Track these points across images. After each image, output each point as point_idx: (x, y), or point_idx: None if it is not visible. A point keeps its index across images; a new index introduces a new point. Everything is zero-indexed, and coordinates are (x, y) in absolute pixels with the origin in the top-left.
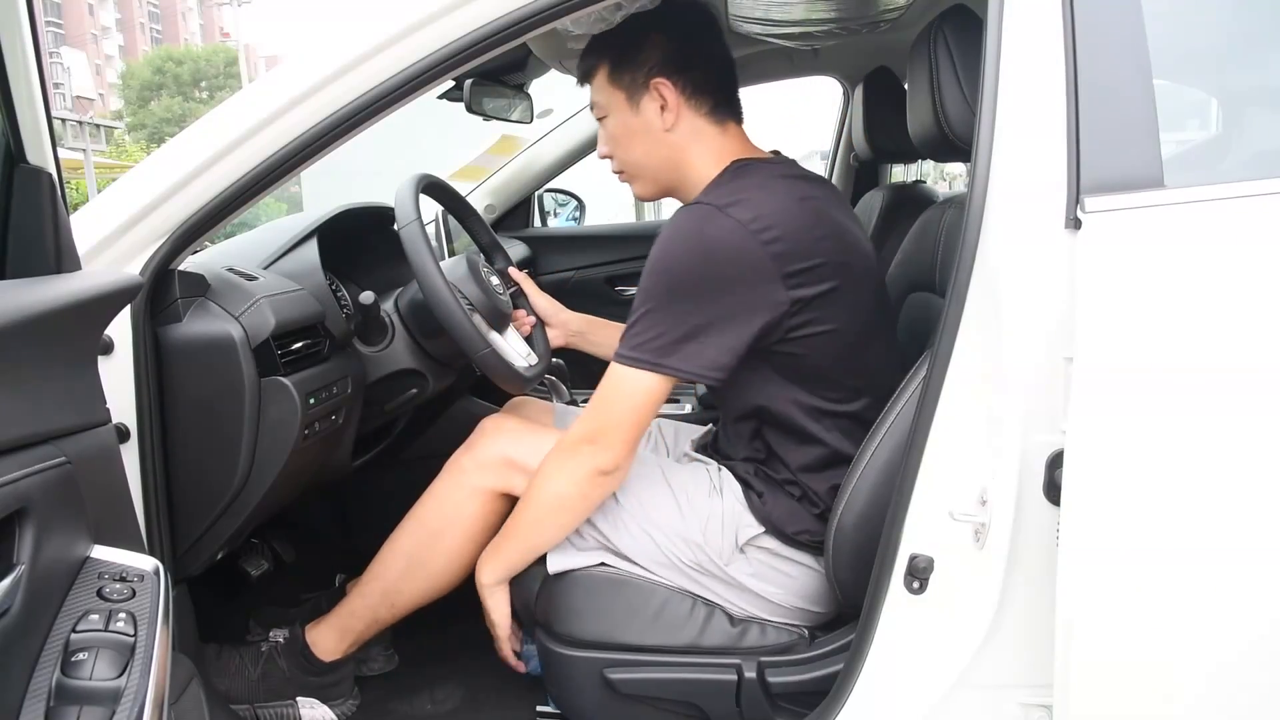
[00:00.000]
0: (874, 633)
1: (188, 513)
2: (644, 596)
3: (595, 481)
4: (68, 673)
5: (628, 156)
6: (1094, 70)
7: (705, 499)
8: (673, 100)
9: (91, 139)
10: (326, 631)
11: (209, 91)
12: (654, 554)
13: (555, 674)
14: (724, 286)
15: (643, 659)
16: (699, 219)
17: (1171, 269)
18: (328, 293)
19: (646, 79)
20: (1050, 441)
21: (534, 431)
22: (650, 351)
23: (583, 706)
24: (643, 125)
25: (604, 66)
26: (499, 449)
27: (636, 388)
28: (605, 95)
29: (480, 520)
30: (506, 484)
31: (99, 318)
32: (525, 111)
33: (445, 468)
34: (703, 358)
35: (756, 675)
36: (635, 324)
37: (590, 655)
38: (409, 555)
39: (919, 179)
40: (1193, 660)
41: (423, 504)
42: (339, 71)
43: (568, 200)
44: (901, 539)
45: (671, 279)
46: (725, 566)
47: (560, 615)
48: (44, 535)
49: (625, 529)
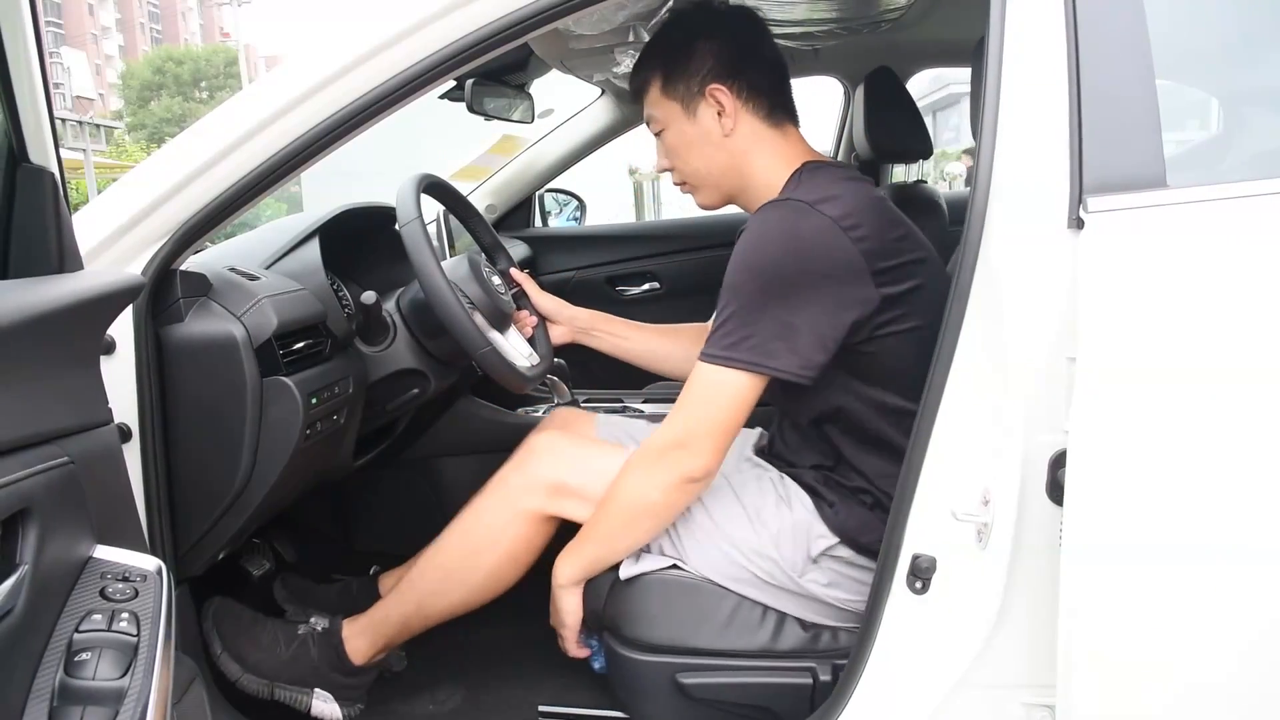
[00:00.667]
0: (876, 633)
1: (189, 512)
2: (716, 601)
3: (683, 489)
4: (71, 673)
5: (688, 167)
6: (1096, 70)
7: (774, 511)
8: (729, 105)
9: (91, 139)
10: (361, 633)
11: (209, 91)
12: (725, 568)
13: (625, 678)
14: (817, 283)
15: (716, 663)
16: (792, 215)
17: (1174, 269)
18: (329, 292)
19: (701, 86)
20: (1053, 441)
21: (586, 450)
22: (745, 351)
23: (653, 711)
24: (701, 134)
25: (657, 79)
26: (551, 472)
27: (730, 390)
28: (661, 108)
29: (524, 542)
30: (556, 509)
31: (101, 318)
32: (526, 111)
33: (491, 484)
34: (798, 356)
35: (832, 678)
36: (725, 322)
37: (662, 660)
38: (448, 570)
39: (920, 179)
40: (1196, 660)
41: (466, 519)
42: (340, 72)
43: (568, 200)
44: (904, 539)
45: (764, 276)
46: (799, 579)
47: (631, 619)
48: (47, 535)
49: (696, 543)
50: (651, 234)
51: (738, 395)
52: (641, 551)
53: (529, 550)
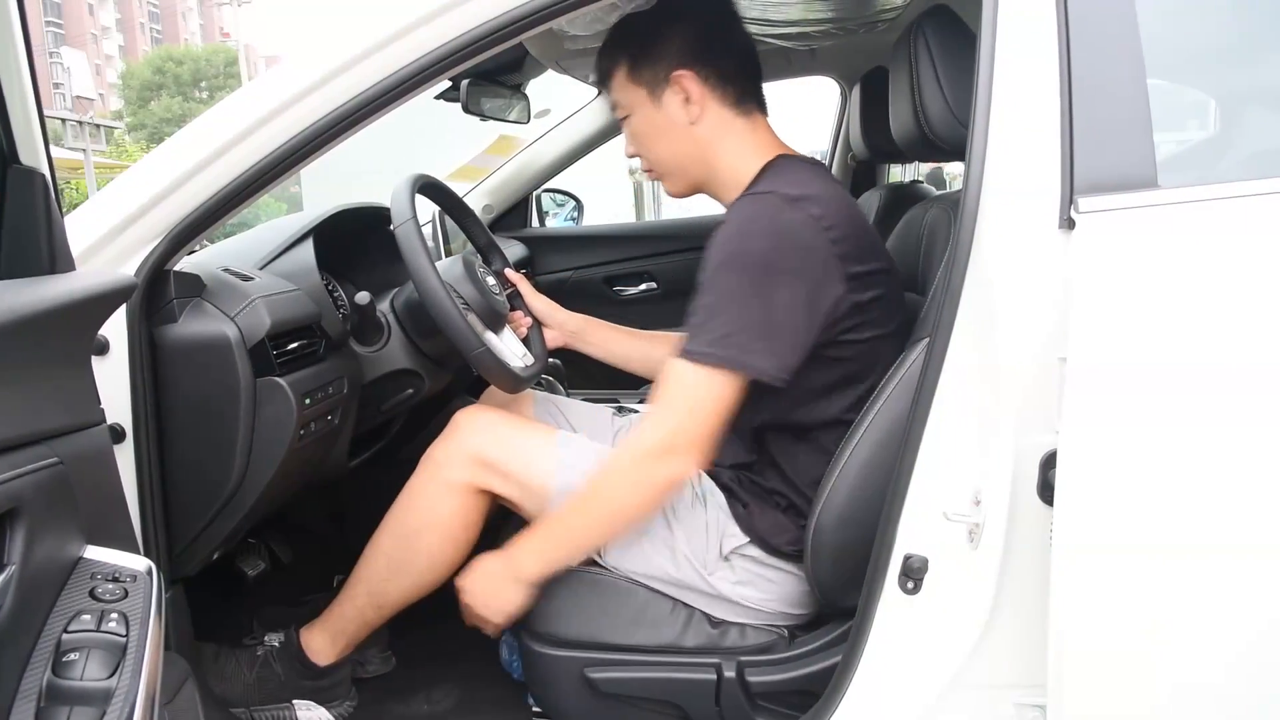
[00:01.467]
0: (868, 633)
1: (183, 513)
2: (625, 596)
3: (667, 491)
4: (59, 673)
5: (653, 154)
6: (1088, 70)
7: (689, 508)
8: (696, 92)
9: (91, 139)
10: (319, 635)
11: (209, 91)
12: (636, 563)
13: (537, 673)
14: (797, 280)
15: (623, 658)
16: (773, 208)
17: (1165, 269)
18: (324, 293)
19: (667, 73)
20: (1044, 442)
21: (511, 427)
22: (731, 349)
23: (564, 706)
24: (666, 121)
25: (623, 64)
26: (473, 445)
27: (715, 392)
28: (626, 94)
29: (459, 518)
30: (482, 481)
31: (93, 318)
32: (522, 111)
33: (421, 462)
34: (778, 357)
35: (736, 675)
36: (709, 318)
37: (571, 655)
38: (390, 556)
39: (916, 179)
40: (1186, 660)
41: (400, 502)
42: (336, 70)
43: (566, 200)
44: (896, 539)
45: (747, 269)
46: (708, 576)
47: (542, 615)
48: (36, 536)
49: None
50: (649, 234)
51: (726, 396)
52: None
53: (465, 528)
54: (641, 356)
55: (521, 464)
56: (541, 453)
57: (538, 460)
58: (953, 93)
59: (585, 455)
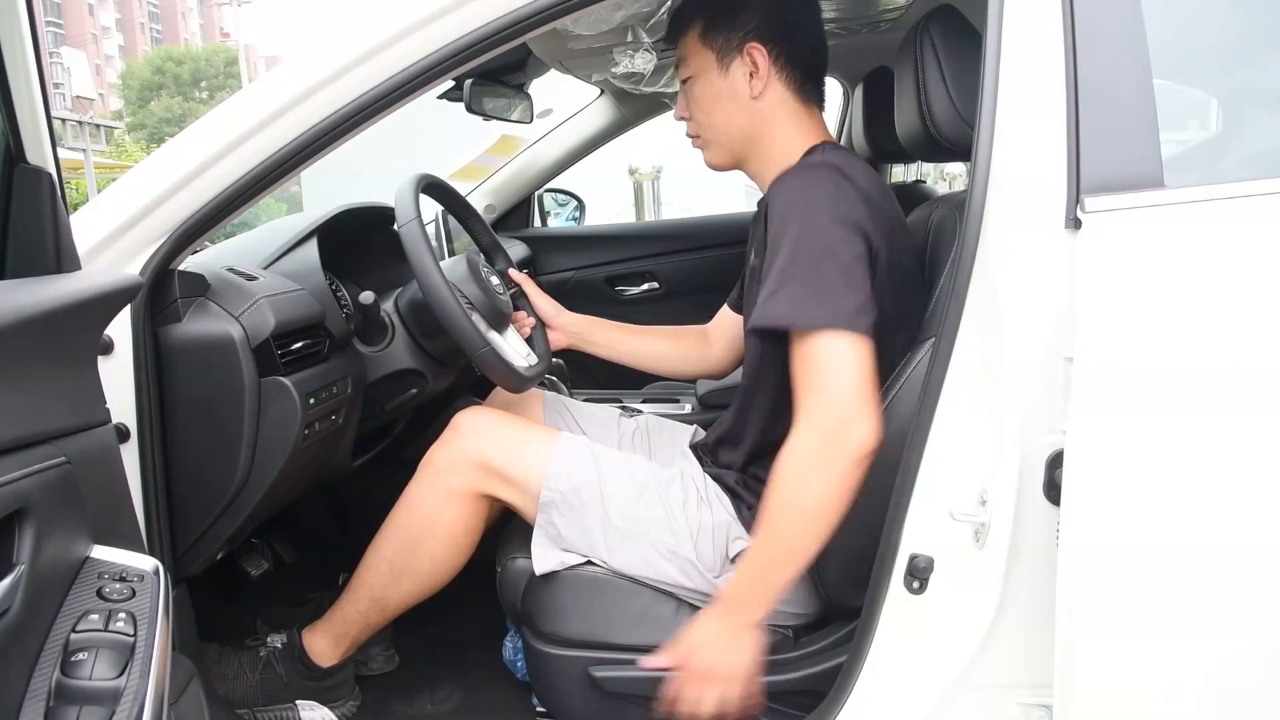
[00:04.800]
0: (874, 633)
1: (188, 513)
2: (630, 596)
3: (861, 466)
4: (67, 673)
5: (708, 120)
6: (1094, 69)
7: (695, 510)
8: (764, 67)
9: (91, 139)
10: (322, 637)
11: (209, 91)
12: (641, 566)
13: (541, 672)
14: (859, 244)
15: (628, 657)
16: (836, 176)
17: (1171, 269)
18: (327, 293)
19: (741, 42)
20: (1050, 441)
21: (515, 431)
22: (854, 316)
23: (568, 705)
24: (729, 89)
25: (698, 24)
26: (473, 449)
27: (852, 353)
28: (695, 55)
29: (460, 523)
30: (483, 487)
31: (98, 318)
32: (525, 111)
33: (420, 465)
34: (867, 316)
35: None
36: (798, 285)
37: (575, 654)
38: (392, 561)
39: (919, 179)
40: (1193, 660)
41: (400, 507)
42: (339, 71)
43: (568, 200)
44: (901, 539)
45: (824, 234)
46: (715, 579)
47: (546, 614)
48: (44, 535)
49: (614, 541)
50: (651, 234)
51: (860, 355)
52: (557, 546)
53: (467, 532)
54: (647, 352)
55: (522, 469)
56: (543, 456)
57: (539, 464)
58: (958, 92)
59: (586, 457)
